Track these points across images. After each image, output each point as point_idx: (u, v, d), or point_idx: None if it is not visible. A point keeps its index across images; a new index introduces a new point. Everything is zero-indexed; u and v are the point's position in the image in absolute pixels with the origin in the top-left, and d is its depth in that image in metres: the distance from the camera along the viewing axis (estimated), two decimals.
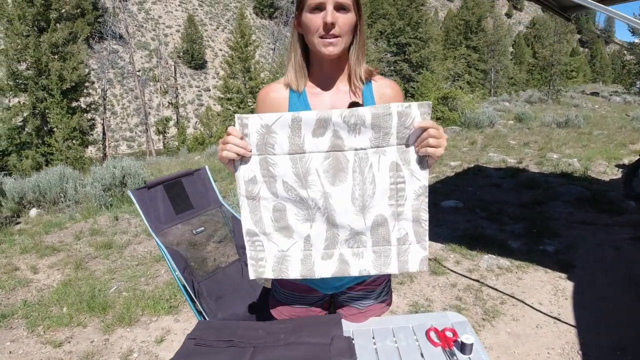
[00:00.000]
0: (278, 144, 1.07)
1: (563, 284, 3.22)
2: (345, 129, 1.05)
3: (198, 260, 2.12)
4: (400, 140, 1.07)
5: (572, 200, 5.29)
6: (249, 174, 1.10)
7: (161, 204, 2.05)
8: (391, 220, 1.13)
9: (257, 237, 1.15)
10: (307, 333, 1.19)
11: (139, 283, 3.40)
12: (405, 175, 1.10)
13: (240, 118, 1.06)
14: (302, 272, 1.17)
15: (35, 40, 22.69)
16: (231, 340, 1.19)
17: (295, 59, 1.20)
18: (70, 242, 4.51)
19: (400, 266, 1.17)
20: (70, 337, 2.76)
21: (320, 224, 1.14)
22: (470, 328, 1.23)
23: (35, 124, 22.95)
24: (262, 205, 1.13)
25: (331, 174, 1.09)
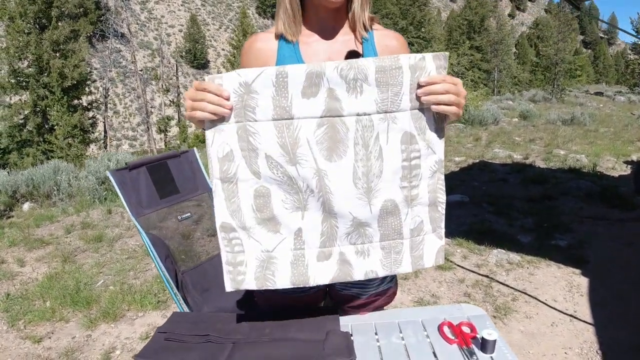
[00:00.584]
0: (260, 108, 0.83)
1: (577, 280, 3.03)
2: (344, 86, 0.82)
3: (183, 249, 1.93)
4: (414, 103, 0.84)
5: (582, 195, 5.10)
6: (225, 147, 0.85)
7: (144, 187, 1.87)
8: (403, 207, 0.90)
9: (235, 234, 0.90)
10: (297, 327, 1.01)
11: (128, 277, 3.22)
12: (420, 148, 0.87)
13: (212, 78, 0.83)
14: (292, 278, 0.92)
15: (37, 37, 22.61)
16: (207, 335, 1.01)
17: (289, 3, 0.99)
18: (60, 235, 4.34)
19: (414, 262, 0.95)
20: (52, 332, 2.59)
21: (315, 213, 0.90)
22: (491, 322, 1.05)
23: (36, 121, 22.87)
24: (240, 189, 0.88)
25: (326, 146, 0.85)
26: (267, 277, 0.93)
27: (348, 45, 1.02)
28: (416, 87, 0.83)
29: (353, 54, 1.00)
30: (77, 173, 6.19)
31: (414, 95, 0.84)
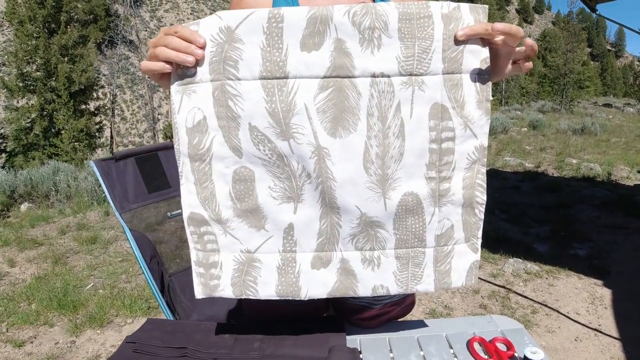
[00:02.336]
0: (244, 62, 0.63)
1: (600, 291, 2.81)
2: (357, 37, 0.62)
3: (172, 250, 1.75)
4: (449, 64, 0.64)
5: (598, 204, 4.89)
6: (196, 114, 0.65)
7: (131, 180, 1.69)
8: (429, 205, 0.70)
9: (208, 228, 0.71)
10: (293, 342, 0.82)
11: (119, 280, 3.04)
12: (455, 127, 0.67)
13: (188, 24, 0.64)
14: (279, 288, 0.73)
15: (45, 41, 22.76)
16: (184, 347, 0.82)
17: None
18: (54, 236, 4.17)
19: (439, 280, 0.75)
20: (34, 337, 2.41)
21: (312, 206, 0.70)
22: (531, 338, 0.85)
23: (43, 125, 22.94)
24: (215, 170, 0.68)
25: (331, 116, 0.65)
26: (248, 283, 0.73)
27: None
28: (452, 44, 0.64)
29: None
30: (77, 174, 6.05)
31: (448, 54, 0.64)
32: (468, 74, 0.66)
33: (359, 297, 0.87)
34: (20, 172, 6.16)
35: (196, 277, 0.74)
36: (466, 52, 0.64)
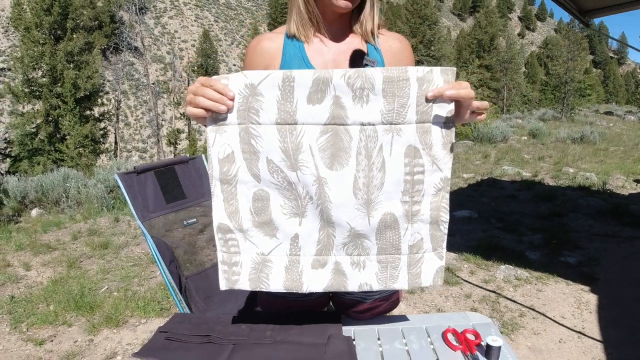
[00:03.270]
0: (264, 111, 0.83)
1: (586, 297, 2.97)
2: (350, 95, 0.82)
3: (188, 254, 1.93)
4: (421, 116, 0.83)
5: (593, 213, 5.03)
6: (226, 149, 0.85)
7: (151, 191, 1.87)
8: (403, 222, 0.89)
9: (232, 235, 0.90)
10: (298, 331, 0.99)
11: (132, 284, 3.21)
12: (424, 163, 0.86)
13: (219, 77, 0.83)
14: (286, 283, 0.93)
15: (52, 48, 23.04)
16: (208, 335, 0.99)
17: (303, 5, 0.99)
18: (67, 241, 4.35)
19: (411, 280, 0.94)
20: (54, 336, 2.58)
21: (313, 221, 0.90)
22: (496, 330, 1.02)
23: (48, 130, 23.21)
24: (239, 191, 0.88)
25: (329, 154, 0.85)
26: (261, 279, 0.93)
27: (352, 45, 1.02)
28: (423, 101, 0.82)
29: (358, 53, 1.00)
30: (86, 181, 6.24)
31: (420, 108, 0.83)
32: (436, 123, 0.85)
33: (352, 293, 1.06)
34: (31, 179, 6.34)
35: (221, 273, 0.93)
36: (435, 106, 0.83)
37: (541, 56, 54.84)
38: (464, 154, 10.37)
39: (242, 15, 78.77)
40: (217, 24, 73.87)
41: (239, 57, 63.79)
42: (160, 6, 71.71)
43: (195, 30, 69.92)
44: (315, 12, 1.00)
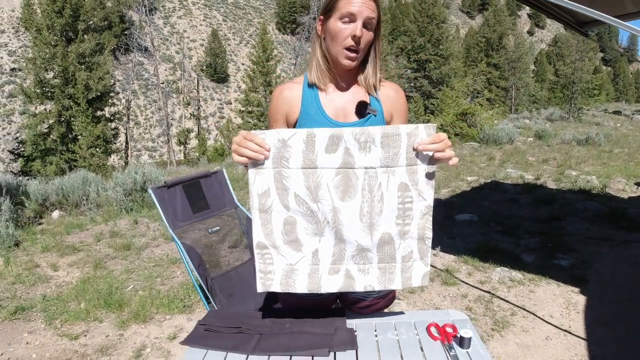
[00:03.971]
0: (292, 158, 1.11)
1: (576, 297, 3.19)
2: (356, 146, 1.09)
3: (212, 258, 2.19)
4: (409, 161, 1.11)
5: (590, 217, 5.23)
6: (264, 186, 1.13)
7: (179, 203, 2.14)
8: (397, 239, 1.17)
9: (267, 250, 1.18)
10: (311, 323, 1.25)
11: (155, 283, 3.49)
12: (413, 196, 1.13)
13: (257, 133, 1.10)
14: (309, 286, 1.19)
15: (63, 50, 23.41)
16: (239, 327, 1.25)
17: (320, 59, 1.26)
18: (90, 242, 4.64)
19: (404, 282, 1.21)
20: (86, 331, 2.85)
21: (329, 239, 1.16)
22: (471, 324, 1.27)
23: (60, 131, 23.59)
24: (273, 218, 1.15)
25: (341, 190, 1.12)
26: (289, 283, 1.20)
27: (358, 95, 1.28)
28: (411, 149, 1.10)
29: (362, 103, 1.25)
30: (105, 184, 6.52)
31: (409, 155, 1.10)
32: (420, 165, 1.11)
33: (355, 292, 1.32)
34: (52, 182, 6.63)
35: (258, 279, 1.20)
36: (420, 154, 1.10)
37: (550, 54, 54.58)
38: (469, 156, 10.54)
39: (250, 15, 79.11)
40: (226, 23, 74.25)
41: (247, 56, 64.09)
42: (169, 6, 72.22)
43: (203, 29, 70.41)
44: (330, 66, 1.26)
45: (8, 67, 52.63)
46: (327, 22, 1.21)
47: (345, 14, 1.16)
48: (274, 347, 1.15)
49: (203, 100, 56.06)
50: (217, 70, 62.27)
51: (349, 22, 1.17)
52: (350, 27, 1.16)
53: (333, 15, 1.19)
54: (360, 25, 1.16)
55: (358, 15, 1.15)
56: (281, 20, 76.48)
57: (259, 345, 1.16)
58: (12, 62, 53.11)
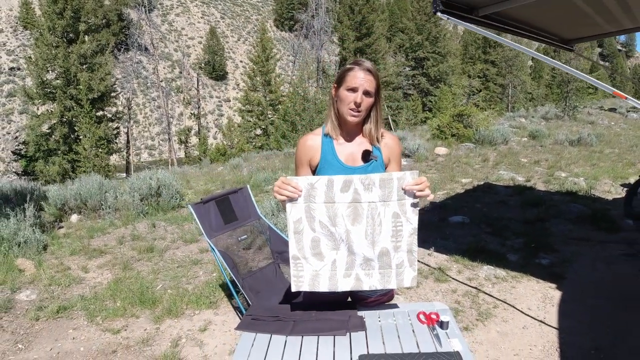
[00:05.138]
0: (317, 196, 1.55)
1: (552, 292, 3.63)
2: (362, 187, 1.54)
3: (242, 262, 2.62)
4: (399, 197, 1.55)
5: (573, 218, 5.64)
6: (297, 215, 1.57)
7: (213, 216, 2.57)
8: (392, 252, 1.61)
9: (299, 261, 1.61)
10: (331, 313, 1.68)
11: (181, 282, 3.92)
12: (402, 221, 1.58)
13: (292, 178, 1.55)
14: (329, 286, 1.63)
15: (64, 51, 23.68)
16: (277, 316, 1.68)
17: (333, 116, 1.72)
18: (114, 245, 5.06)
19: (398, 283, 1.65)
20: (126, 326, 3.27)
21: (343, 252, 1.61)
22: (450, 312, 1.70)
23: (63, 131, 23.90)
24: (304, 237, 1.59)
25: (352, 218, 1.57)
26: (315, 284, 1.63)
27: (363, 145, 1.71)
28: (401, 189, 1.54)
29: (366, 152, 1.69)
30: (121, 189, 6.94)
31: (399, 193, 1.55)
32: (407, 200, 1.55)
33: (364, 291, 1.75)
34: (70, 187, 7.03)
35: (293, 281, 1.63)
36: (407, 192, 1.54)
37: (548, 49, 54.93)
38: (464, 157, 10.93)
39: (248, 12, 79.29)
40: (224, 20, 74.41)
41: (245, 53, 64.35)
42: (167, 3, 72.39)
43: (202, 27, 70.61)
44: (341, 122, 1.69)
45: (7, 67, 52.86)
46: (339, 89, 1.66)
47: (350, 86, 1.61)
48: (306, 330, 1.58)
49: (202, 98, 56.33)
50: (216, 68, 62.57)
51: (353, 92, 1.61)
52: (354, 96, 1.62)
53: (342, 85, 1.64)
54: (360, 95, 1.61)
55: (359, 88, 1.61)
56: (279, 17, 76.72)
57: (294, 329, 1.59)
58: (10, 61, 53.33)
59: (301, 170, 1.75)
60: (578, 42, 5.57)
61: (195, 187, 8.99)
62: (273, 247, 2.75)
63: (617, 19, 4.05)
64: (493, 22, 3.47)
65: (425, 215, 5.85)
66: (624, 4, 3.57)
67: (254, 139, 29.04)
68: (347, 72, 1.65)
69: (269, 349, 1.49)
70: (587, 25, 4.47)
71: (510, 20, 3.68)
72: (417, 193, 1.53)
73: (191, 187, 8.88)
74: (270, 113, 29.84)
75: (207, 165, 16.23)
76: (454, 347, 1.49)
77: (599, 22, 4.13)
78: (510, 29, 3.80)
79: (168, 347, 2.94)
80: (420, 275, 3.93)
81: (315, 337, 1.55)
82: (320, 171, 1.72)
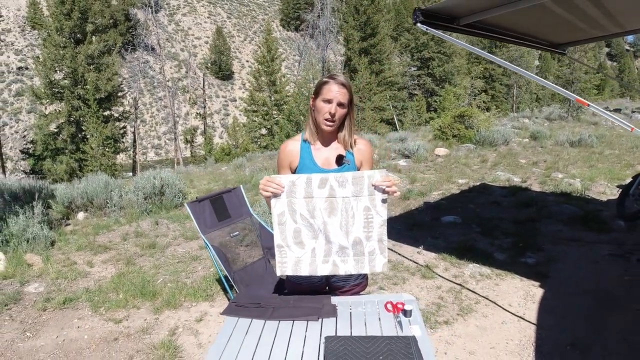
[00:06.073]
0: (298, 192, 1.76)
1: (534, 290, 3.79)
2: (337, 184, 1.75)
3: (234, 257, 2.81)
4: (370, 192, 1.75)
5: (564, 219, 5.75)
6: (281, 209, 1.78)
7: (208, 213, 2.76)
8: (364, 241, 1.81)
9: (283, 249, 1.82)
10: (307, 300, 1.87)
11: (180, 277, 4.12)
12: (373, 214, 1.78)
13: (275, 176, 1.75)
14: (309, 271, 1.84)
15: (72, 51, 24.01)
16: (258, 303, 1.87)
17: (311, 124, 1.91)
18: (119, 242, 5.27)
19: (370, 268, 1.85)
20: (127, 316, 3.48)
21: (321, 241, 1.81)
22: (415, 303, 1.88)
23: (70, 131, 24.22)
24: (287, 228, 1.80)
25: (328, 211, 1.77)
26: (297, 269, 1.84)
27: (337, 150, 1.90)
28: (371, 185, 1.73)
29: (339, 156, 1.87)
30: (126, 188, 7.16)
31: (369, 189, 1.74)
32: (377, 195, 1.74)
33: (339, 279, 1.95)
34: (77, 186, 7.26)
35: (277, 267, 1.84)
36: (377, 188, 1.72)
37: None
38: (464, 158, 11.06)
39: (254, 12, 79.56)
40: (230, 20, 74.74)
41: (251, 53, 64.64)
42: (173, 4, 72.84)
43: (208, 27, 70.98)
44: (318, 129, 1.88)
45: (15, 66, 53.40)
46: (316, 100, 1.84)
47: (326, 99, 1.80)
48: (283, 315, 1.77)
49: (208, 97, 56.68)
50: (222, 68, 62.88)
51: (328, 103, 1.79)
52: (328, 107, 1.80)
53: (319, 96, 1.82)
54: (334, 106, 1.79)
55: (333, 100, 1.79)
56: (285, 17, 76.92)
57: (273, 314, 1.78)
58: (18, 60, 53.86)
59: (282, 172, 1.94)
60: (569, 45, 5.67)
61: (198, 186, 9.21)
62: (263, 243, 2.95)
63: (601, 24, 4.18)
64: (476, 30, 3.61)
65: (418, 215, 6.03)
66: (605, 11, 3.70)
67: (258, 139, 29.29)
68: (323, 85, 1.84)
69: (248, 331, 1.68)
70: (573, 31, 4.60)
71: (494, 27, 3.82)
72: (386, 188, 1.72)
73: (194, 187, 9.09)
74: (275, 113, 30.08)
75: (211, 165, 16.46)
76: (413, 332, 1.67)
77: (584, 28, 4.26)
78: (495, 36, 3.93)
79: (166, 336, 3.14)
80: (407, 272, 4.10)
81: (291, 322, 1.73)
82: (299, 172, 1.91)
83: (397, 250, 4.72)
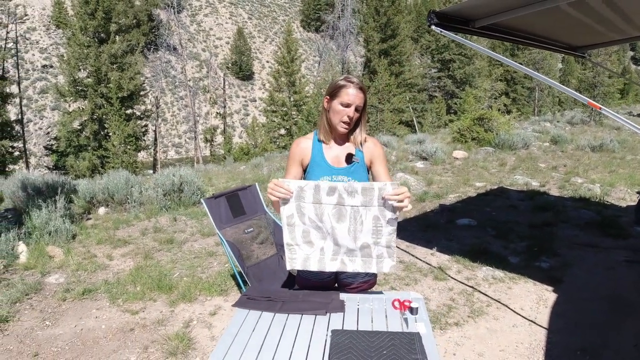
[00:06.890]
0: (307, 197, 1.80)
1: (547, 295, 3.76)
2: (346, 193, 1.78)
3: (247, 252, 2.88)
4: (379, 203, 1.77)
5: (582, 224, 5.67)
6: (290, 212, 1.83)
7: (223, 210, 2.83)
8: (372, 246, 1.85)
9: (292, 247, 1.88)
10: (316, 295, 1.92)
11: (196, 271, 4.22)
12: (382, 224, 1.81)
13: (284, 181, 1.79)
14: (318, 267, 1.90)
15: (96, 50, 24.52)
16: (269, 297, 1.93)
17: (325, 124, 1.95)
18: (137, 236, 5.40)
19: (378, 269, 1.90)
20: (144, 308, 3.58)
21: (329, 242, 1.86)
22: (422, 301, 1.91)
23: (93, 128, 24.73)
24: (296, 229, 1.85)
25: (336, 217, 1.81)
26: (306, 264, 1.89)
27: (348, 149, 1.94)
28: (381, 197, 1.75)
29: (349, 155, 1.92)
30: (145, 184, 7.31)
31: (379, 201, 1.77)
32: (387, 207, 1.77)
33: (347, 276, 1.99)
34: (99, 182, 7.45)
35: (287, 262, 1.89)
36: (387, 201, 1.75)
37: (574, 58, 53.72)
38: (482, 161, 10.96)
39: (275, 12, 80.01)
40: (251, 21, 75.29)
41: (272, 54, 65.00)
42: (195, 4, 73.69)
43: (229, 27, 71.64)
44: (331, 129, 1.92)
45: (40, 64, 54.67)
46: (332, 102, 1.88)
47: (345, 102, 1.83)
48: (291, 309, 1.82)
49: (228, 97, 57.19)
50: (242, 68, 63.38)
51: (346, 107, 1.83)
52: (346, 110, 1.84)
53: (336, 99, 1.86)
54: (353, 110, 1.84)
55: (352, 103, 1.82)
56: (306, 18, 77.16)
57: (282, 308, 1.83)
58: (43, 59, 55.14)
59: (292, 167, 1.99)
60: (589, 48, 5.59)
61: (216, 184, 9.34)
62: (277, 240, 3.01)
63: (620, 28, 4.14)
64: (492, 33, 3.61)
65: (433, 217, 6.02)
66: (622, 14, 3.67)
67: (277, 139, 29.46)
68: (340, 88, 1.87)
69: (257, 323, 1.74)
70: (591, 34, 4.55)
71: (510, 29, 3.81)
72: (395, 204, 1.73)
73: (213, 185, 9.24)
74: (294, 113, 30.22)
75: (230, 164, 16.65)
76: (418, 329, 1.70)
77: (602, 31, 4.22)
78: (511, 38, 3.92)
79: (180, 328, 3.22)
80: (420, 273, 4.12)
81: (299, 315, 1.78)
82: (309, 170, 1.96)
83: (410, 251, 4.74)
